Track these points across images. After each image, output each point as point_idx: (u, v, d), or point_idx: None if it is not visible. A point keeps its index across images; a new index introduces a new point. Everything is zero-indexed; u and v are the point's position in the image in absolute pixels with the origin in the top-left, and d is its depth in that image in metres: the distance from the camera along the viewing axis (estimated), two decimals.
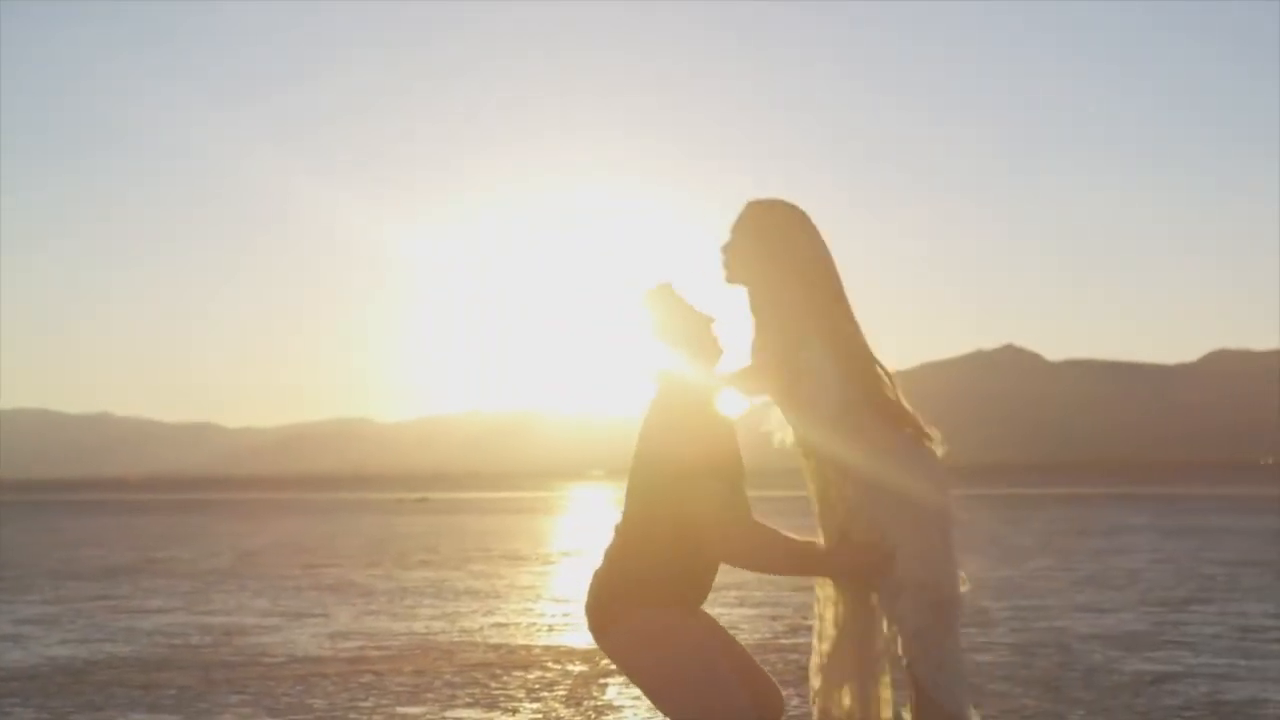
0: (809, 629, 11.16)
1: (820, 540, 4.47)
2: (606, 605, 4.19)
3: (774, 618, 11.87)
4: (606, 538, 4.47)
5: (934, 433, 4.56)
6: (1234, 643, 10.02)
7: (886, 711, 4.51)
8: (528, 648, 10.22)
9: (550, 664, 9.35)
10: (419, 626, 11.63)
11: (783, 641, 10.32)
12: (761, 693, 4.32)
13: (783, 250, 4.53)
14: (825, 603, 4.56)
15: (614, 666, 4.29)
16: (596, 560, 4.34)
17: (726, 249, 4.61)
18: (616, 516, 4.31)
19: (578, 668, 9.14)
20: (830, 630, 4.55)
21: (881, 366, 4.55)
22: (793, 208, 4.63)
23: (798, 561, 4.30)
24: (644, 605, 4.15)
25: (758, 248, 4.55)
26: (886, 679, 4.50)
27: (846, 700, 4.49)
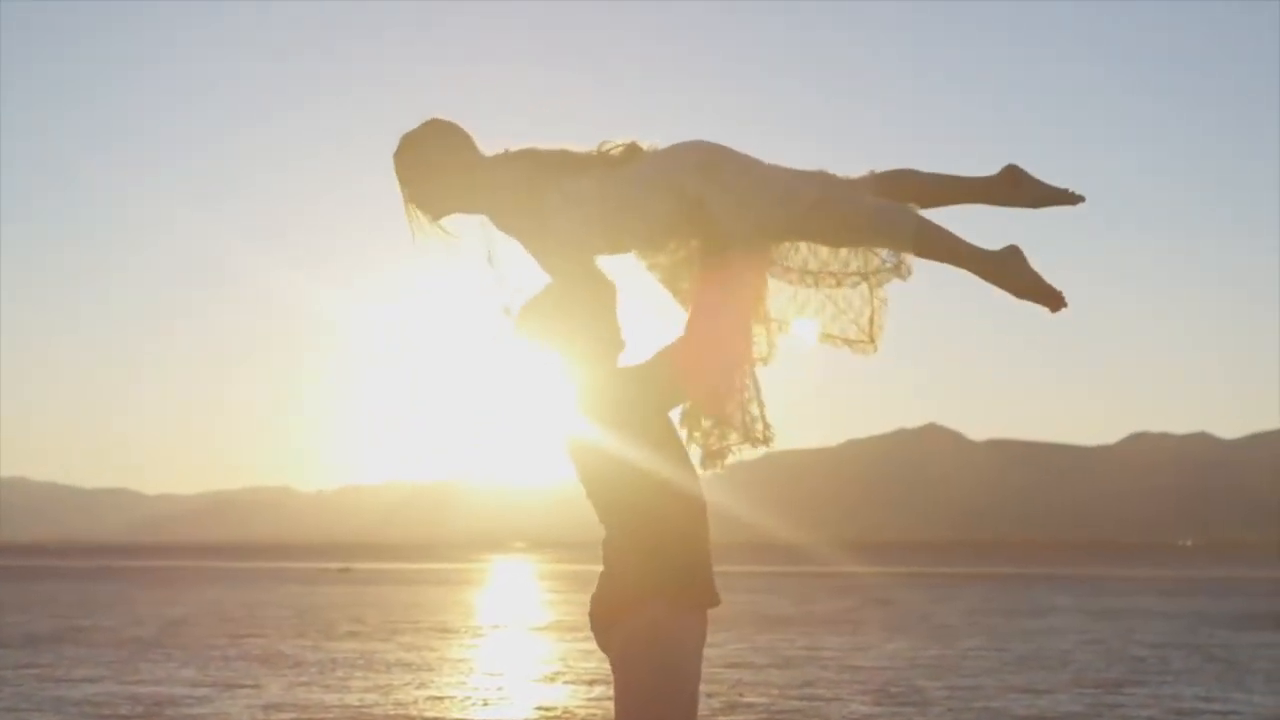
0: (747, 706, 11.16)
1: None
2: (614, 603, 4.05)
3: (709, 694, 11.83)
4: (600, 560, 4.26)
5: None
6: None
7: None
8: None
9: None
10: (352, 699, 11.52)
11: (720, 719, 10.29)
12: None
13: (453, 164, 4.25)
14: None
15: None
16: (599, 573, 4.18)
17: (407, 199, 4.28)
18: (603, 538, 4.16)
19: None
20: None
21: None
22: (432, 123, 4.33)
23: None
24: (655, 599, 4.00)
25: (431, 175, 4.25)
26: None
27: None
